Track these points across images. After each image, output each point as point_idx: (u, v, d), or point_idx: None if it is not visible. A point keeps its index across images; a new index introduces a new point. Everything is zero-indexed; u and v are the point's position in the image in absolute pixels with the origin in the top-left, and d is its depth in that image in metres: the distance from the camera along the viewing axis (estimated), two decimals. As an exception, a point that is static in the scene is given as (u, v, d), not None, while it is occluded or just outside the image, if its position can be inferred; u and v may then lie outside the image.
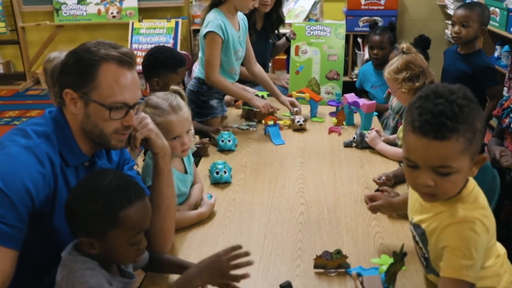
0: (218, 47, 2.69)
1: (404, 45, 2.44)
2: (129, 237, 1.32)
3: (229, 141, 2.44)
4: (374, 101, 2.85)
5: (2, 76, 6.68)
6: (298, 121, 2.82)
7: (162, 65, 2.50)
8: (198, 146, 2.44)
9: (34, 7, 6.27)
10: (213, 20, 2.67)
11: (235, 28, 2.81)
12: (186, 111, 1.85)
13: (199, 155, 2.51)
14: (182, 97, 1.89)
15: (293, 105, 2.93)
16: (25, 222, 1.33)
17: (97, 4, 6.17)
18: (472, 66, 3.03)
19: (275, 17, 3.38)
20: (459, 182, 1.29)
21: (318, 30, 3.28)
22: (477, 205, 1.33)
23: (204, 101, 2.88)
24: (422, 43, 3.10)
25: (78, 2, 6.18)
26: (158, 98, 1.83)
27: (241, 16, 2.90)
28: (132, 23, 6.08)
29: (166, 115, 1.79)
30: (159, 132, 1.64)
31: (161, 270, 1.60)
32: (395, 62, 2.44)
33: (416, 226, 1.43)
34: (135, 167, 1.87)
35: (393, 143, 2.55)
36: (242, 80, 3.14)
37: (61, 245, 1.36)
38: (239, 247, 1.41)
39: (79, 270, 1.28)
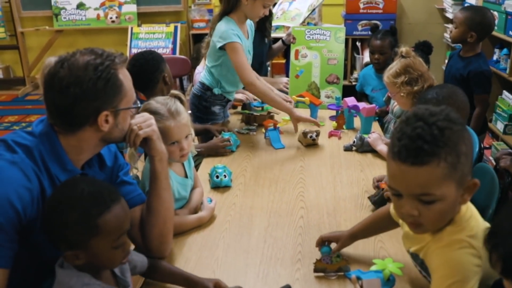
0: (242, 52, 2.71)
1: (403, 49, 2.44)
2: (111, 242, 1.30)
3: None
4: (374, 105, 2.86)
5: (1, 81, 6.69)
6: (311, 136, 2.68)
7: (161, 61, 2.57)
8: (199, 150, 2.43)
9: (33, 12, 6.29)
10: (228, 31, 2.68)
11: (245, 36, 2.83)
12: (185, 116, 1.85)
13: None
14: (181, 101, 1.89)
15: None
16: (14, 240, 1.31)
17: (96, 9, 6.19)
18: (468, 69, 3.03)
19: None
20: (445, 211, 1.20)
21: (317, 34, 3.28)
22: (465, 226, 1.25)
23: (206, 107, 2.89)
24: (424, 49, 3.11)
25: (77, 7, 6.19)
26: (158, 103, 1.83)
27: (248, 23, 2.91)
28: (131, 28, 6.10)
29: (165, 121, 1.80)
30: (160, 136, 1.64)
31: (163, 280, 1.58)
32: (394, 66, 2.44)
33: (414, 256, 1.40)
34: (135, 171, 1.87)
35: (393, 147, 2.55)
36: None
37: (53, 255, 1.36)
38: None
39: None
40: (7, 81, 6.71)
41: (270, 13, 3.39)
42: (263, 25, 3.38)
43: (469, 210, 1.29)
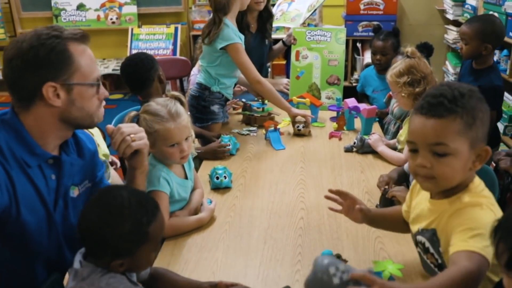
0: (244, 52, 2.76)
1: (409, 49, 2.43)
2: (154, 247, 1.37)
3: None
4: (374, 106, 2.85)
5: (1, 82, 6.67)
6: (298, 126, 2.82)
7: (154, 60, 2.56)
8: (199, 151, 2.43)
9: (33, 13, 6.27)
10: (228, 32, 2.72)
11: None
12: (185, 118, 1.85)
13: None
14: (182, 103, 1.89)
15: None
16: None
17: (96, 10, 6.18)
18: (478, 82, 2.93)
19: (265, 14, 3.36)
20: (457, 167, 1.29)
21: (318, 35, 3.28)
22: (483, 195, 1.35)
23: (205, 107, 2.89)
24: (425, 50, 3.09)
25: (78, 8, 6.19)
26: (158, 105, 1.82)
27: None
28: (132, 29, 6.10)
29: (165, 123, 1.79)
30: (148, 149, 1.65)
31: None
32: (398, 65, 2.43)
33: (424, 232, 1.41)
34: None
35: (393, 148, 2.55)
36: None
37: (33, 243, 1.39)
38: None
39: (110, 282, 1.28)
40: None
41: (270, 14, 3.39)
42: (264, 26, 3.38)
43: (482, 184, 1.38)
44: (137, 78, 2.53)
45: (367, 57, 4.61)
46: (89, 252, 1.34)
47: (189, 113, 2.02)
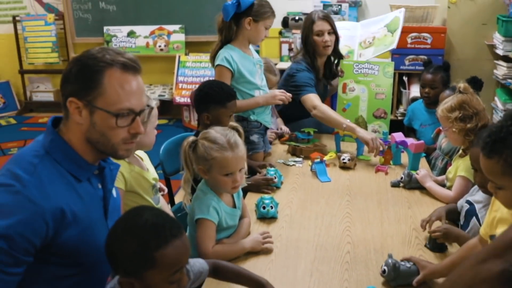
0: (224, 78, 2.79)
1: (461, 85, 2.41)
2: (167, 276, 1.30)
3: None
4: (422, 141, 2.82)
5: (52, 104, 6.91)
6: (343, 159, 2.81)
7: (211, 100, 2.49)
8: (250, 182, 2.42)
9: (86, 38, 6.50)
10: (222, 54, 2.81)
11: (248, 54, 2.90)
12: (242, 149, 1.87)
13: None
14: (239, 134, 1.92)
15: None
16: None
17: (146, 37, 6.36)
18: None
19: (334, 57, 3.37)
20: (509, 198, 1.40)
21: (366, 68, 3.28)
22: None
23: (245, 137, 2.89)
24: (474, 85, 3.05)
25: (128, 35, 6.38)
26: (217, 133, 1.86)
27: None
28: (179, 56, 6.23)
29: (223, 151, 1.82)
30: None
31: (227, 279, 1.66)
32: (450, 100, 2.41)
33: None
34: (188, 198, 1.90)
35: (441, 185, 2.51)
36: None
37: (91, 256, 1.42)
38: None
39: None
40: (58, 104, 6.87)
41: (341, 56, 3.39)
42: (331, 71, 3.40)
43: None
44: (195, 106, 2.57)
45: (413, 90, 4.57)
46: (111, 268, 1.36)
47: None
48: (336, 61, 3.38)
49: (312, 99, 3.09)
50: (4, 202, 1.31)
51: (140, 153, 2.14)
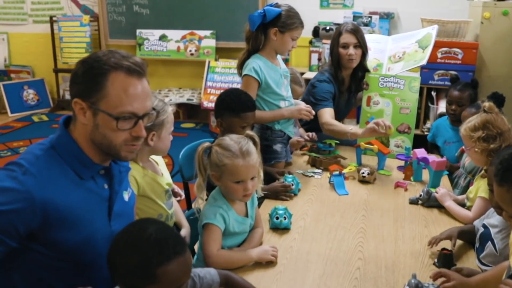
0: (251, 89, 2.79)
1: (486, 104, 2.37)
2: None
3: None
4: (444, 159, 2.76)
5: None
6: (363, 173, 2.78)
7: (225, 107, 2.50)
8: (266, 193, 2.39)
9: (119, 40, 6.63)
10: (250, 64, 2.82)
11: (275, 64, 2.91)
12: (254, 157, 1.87)
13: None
14: (255, 143, 1.92)
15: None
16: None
17: (177, 41, 6.43)
18: None
19: (360, 72, 3.35)
20: None
21: (391, 82, 3.25)
22: None
23: (268, 146, 2.91)
24: (495, 101, 2.99)
25: (160, 39, 6.46)
26: (231, 140, 1.88)
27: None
28: (209, 62, 6.29)
29: (234, 158, 1.83)
30: None
31: None
32: (473, 119, 2.36)
33: None
34: (200, 202, 1.91)
35: (461, 205, 2.45)
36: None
37: (92, 256, 1.44)
38: None
39: None
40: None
41: (367, 70, 3.38)
42: (356, 85, 3.39)
43: None
44: (214, 111, 2.57)
45: (441, 106, 4.50)
46: (111, 279, 1.35)
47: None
48: (361, 75, 3.34)
49: (323, 115, 3.11)
50: (1, 184, 1.36)
51: (156, 157, 2.16)
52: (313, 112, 2.94)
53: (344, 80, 3.34)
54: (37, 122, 6.62)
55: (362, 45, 3.24)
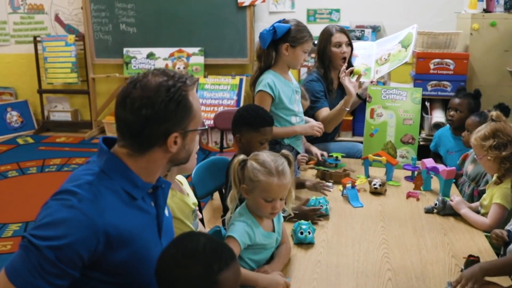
0: (265, 104, 2.84)
1: (493, 113, 2.42)
2: None
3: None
4: (453, 168, 2.81)
5: (69, 123, 6.97)
6: (375, 184, 2.81)
7: (244, 123, 2.50)
8: (296, 212, 2.34)
9: (106, 59, 6.59)
10: (264, 80, 2.87)
11: (288, 80, 2.99)
12: (288, 178, 1.87)
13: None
14: (289, 163, 1.92)
15: None
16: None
17: (165, 59, 6.41)
18: None
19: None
20: None
21: (394, 94, 3.30)
22: None
23: None
24: (501, 112, 3.06)
25: (147, 57, 6.44)
26: (268, 157, 1.87)
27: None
28: (198, 79, 6.27)
29: (269, 176, 1.83)
30: None
31: None
32: (483, 129, 2.42)
33: None
34: (229, 214, 1.94)
35: (475, 211, 2.49)
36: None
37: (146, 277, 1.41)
38: None
39: None
40: (75, 124, 6.97)
41: (351, 65, 3.45)
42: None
43: None
44: (232, 127, 2.58)
45: (436, 116, 4.58)
46: None
47: None
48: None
49: (319, 116, 3.31)
50: (58, 215, 1.32)
51: (179, 177, 2.14)
52: (323, 129, 3.02)
53: (333, 80, 3.48)
54: (23, 145, 6.51)
55: (351, 43, 3.48)
